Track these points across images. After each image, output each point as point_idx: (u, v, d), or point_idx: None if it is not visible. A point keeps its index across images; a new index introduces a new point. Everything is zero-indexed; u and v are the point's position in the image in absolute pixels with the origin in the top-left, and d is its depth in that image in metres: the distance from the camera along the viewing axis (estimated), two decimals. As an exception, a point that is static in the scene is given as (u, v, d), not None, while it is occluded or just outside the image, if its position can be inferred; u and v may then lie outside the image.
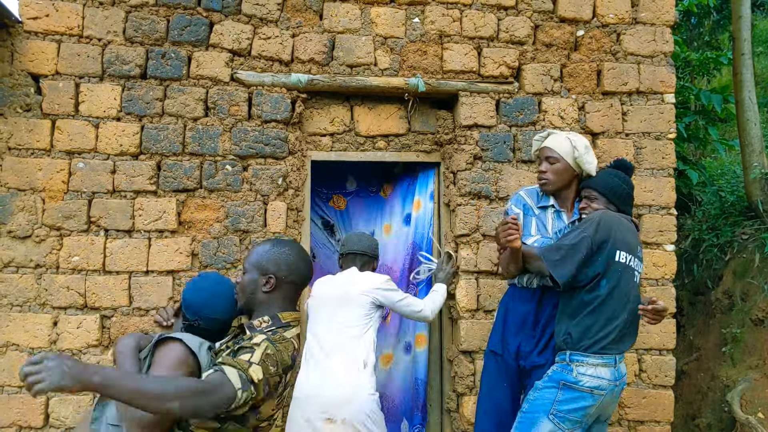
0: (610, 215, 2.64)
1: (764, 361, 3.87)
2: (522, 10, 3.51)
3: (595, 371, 2.49)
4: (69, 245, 3.13)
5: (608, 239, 2.56)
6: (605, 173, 2.81)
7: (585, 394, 2.48)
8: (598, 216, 2.61)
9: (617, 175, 2.77)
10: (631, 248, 2.62)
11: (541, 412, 2.50)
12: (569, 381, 2.49)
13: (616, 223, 2.62)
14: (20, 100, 3.15)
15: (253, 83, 3.28)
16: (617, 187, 2.73)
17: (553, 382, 2.54)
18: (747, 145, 4.69)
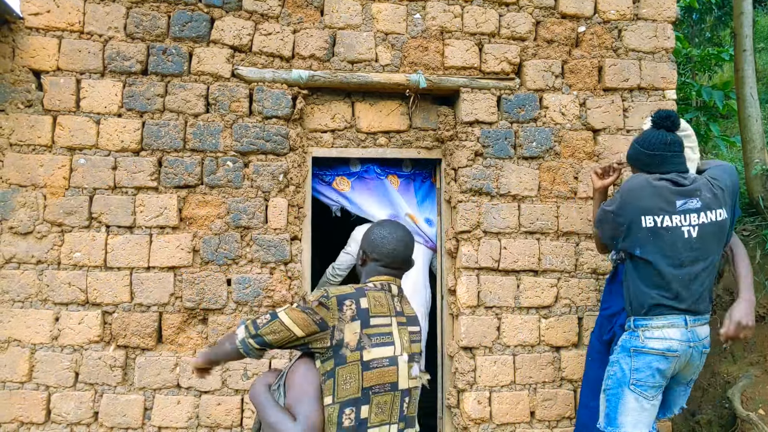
0: (631, 183, 2.62)
1: (765, 358, 3.87)
2: (523, 6, 3.50)
3: (661, 333, 2.53)
4: (70, 241, 3.13)
5: (628, 207, 2.57)
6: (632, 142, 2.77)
7: (658, 357, 2.52)
8: (625, 183, 2.67)
9: (637, 140, 2.72)
10: (659, 209, 2.52)
11: (622, 385, 2.57)
12: (638, 347, 2.55)
13: (637, 190, 2.57)
14: (21, 97, 3.15)
15: (254, 79, 3.28)
16: (632, 152, 2.72)
17: (624, 351, 2.62)
18: (748, 142, 4.68)
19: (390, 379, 2.01)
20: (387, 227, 2.21)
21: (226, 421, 3.13)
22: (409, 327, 2.13)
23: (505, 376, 3.33)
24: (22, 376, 3.08)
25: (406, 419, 2.05)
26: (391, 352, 2.02)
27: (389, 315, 2.07)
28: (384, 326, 2.05)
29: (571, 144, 3.46)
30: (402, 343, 2.06)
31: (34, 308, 3.11)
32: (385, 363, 2.00)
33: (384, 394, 1.99)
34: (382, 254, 2.15)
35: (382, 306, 2.06)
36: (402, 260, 2.18)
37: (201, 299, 3.16)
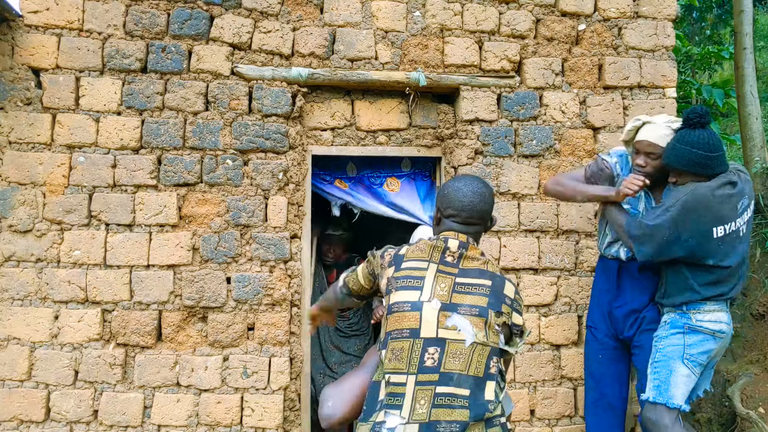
0: (695, 196, 2.53)
1: (765, 356, 3.87)
2: (523, 4, 3.50)
3: (713, 316, 2.61)
4: (70, 239, 3.13)
5: (698, 223, 2.52)
6: (676, 142, 2.61)
7: (709, 337, 2.60)
8: (684, 199, 2.54)
9: (688, 141, 2.57)
10: (728, 217, 2.54)
11: (675, 357, 2.61)
12: (692, 325, 2.60)
13: (703, 202, 2.52)
14: (21, 94, 3.14)
15: (253, 77, 3.28)
16: (692, 155, 2.54)
17: (676, 327, 2.65)
18: (748, 140, 4.68)
19: (408, 325, 1.85)
20: (462, 179, 2.08)
21: (225, 420, 3.12)
22: (461, 278, 1.92)
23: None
24: (21, 374, 3.08)
25: (439, 374, 1.81)
26: (416, 297, 1.87)
27: (426, 260, 1.93)
28: (415, 269, 1.92)
29: (571, 142, 3.46)
30: (435, 289, 1.88)
31: (33, 306, 3.11)
32: (405, 307, 1.87)
33: (401, 339, 1.85)
34: (455, 207, 2.01)
35: (421, 251, 1.95)
36: (478, 214, 2.01)
37: (200, 297, 3.15)
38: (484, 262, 1.98)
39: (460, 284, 1.91)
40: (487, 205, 2.05)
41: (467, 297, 1.88)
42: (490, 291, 1.92)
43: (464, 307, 1.87)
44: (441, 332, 1.84)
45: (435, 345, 1.83)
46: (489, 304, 1.89)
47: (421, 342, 1.83)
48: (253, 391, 3.16)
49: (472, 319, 1.85)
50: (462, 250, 1.97)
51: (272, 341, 3.18)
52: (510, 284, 1.99)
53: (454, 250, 1.96)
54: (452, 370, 1.81)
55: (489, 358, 1.85)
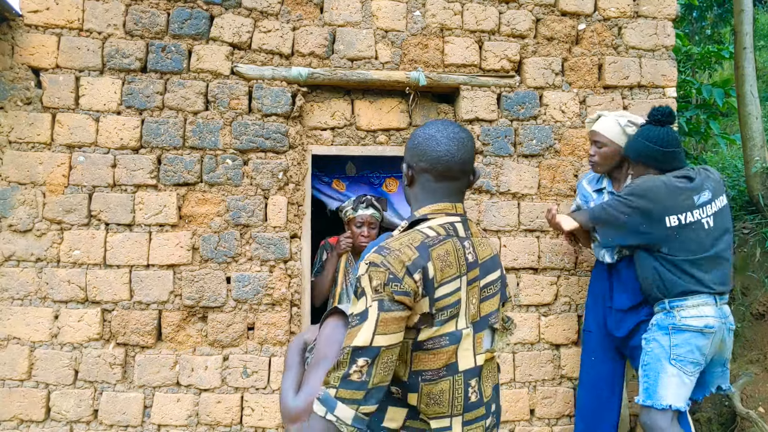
0: (647, 185, 2.66)
1: (765, 356, 3.88)
2: (523, 4, 3.50)
3: (697, 311, 2.64)
4: (70, 239, 3.13)
5: (649, 211, 2.64)
6: (637, 136, 2.82)
7: (696, 334, 2.62)
8: (636, 187, 2.69)
9: (645, 136, 2.76)
10: (681, 207, 2.65)
11: (662, 358, 2.65)
12: (676, 324, 2.64)
13: (655, 192, 2.64)
14: (21, 94, 3.14)
15: (253, 77, 3.28)
16: (647, 150, 2.73)
17: (661, 329, 2.69)
18: (748, 139, 4.68)
19: (445, 362, 1.54)
20: (434, 125, 1.68)
21: (225, 419, 3.13)
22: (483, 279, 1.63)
23: (504, 373, 3.32)
24: (21, 373, 3.08)
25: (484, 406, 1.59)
26: (453, 327, 1.54)
27: (458, 275, 1.55)
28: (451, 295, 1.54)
29: (571, 142, 3.46)
30: (468, 309, 1.57)
31: (33, 306, 3.11)
32: (443, 342, 1.53)
33: (438, 382, 1.53)
34: (433, 159, 1.62)
35: (449, 266, 1.54)
36: (460, 167, 1.63)
37: (200, 297, 3.15)
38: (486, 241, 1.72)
39: (484, 288, 1.64)
40: (469, 153, 1.68)
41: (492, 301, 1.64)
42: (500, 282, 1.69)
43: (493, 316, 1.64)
44: (479, 359, 1.59)
45: (474, 375, 1.58)
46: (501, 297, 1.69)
47: (462, 377, 1.55)
48: (253, 391, 3.16)
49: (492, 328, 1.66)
50: (468, 233, 1.65)
51: (272, 341, 3.18)
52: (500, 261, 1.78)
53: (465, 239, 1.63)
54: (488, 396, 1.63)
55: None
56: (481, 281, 1.62)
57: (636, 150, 2.79)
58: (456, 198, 1.66)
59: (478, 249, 1.65)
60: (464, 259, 1.58)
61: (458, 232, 1.62)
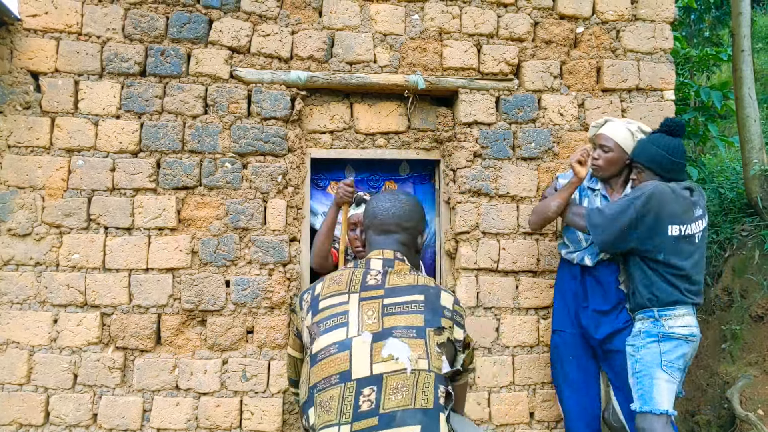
0: (660, 190, 2.67)
1: (764, 358, 3.88)
2: (521, 7, 3.50)
3: (683, 321, 2.71)
4: (69, 243, 3.13)
5: (657, 216, 2.65)
6: (648, 142, 2.82)
7: (682, 342, 2.71)
8: (649, 191, 2.67)
9: (659, 144, 2.76)
10: (683, 218, 2.69)
11: (654, 365, 2.69)
12: (665, 333, 2.69)
13: (665, 198, 2.66)
14: (20, 98, 3.15)
15: (252, 80, 3.28)
16: (659, 157, 2.75)
17: (650, 336, 2.73)
18: (747, 142, 4.69)
19: (337, 369, 1.57)
20: (381, 194, 1.95)
21: (225, 423, 3.12)
22: (389, 299, 1.68)
23: (504, 376, 3.32)
24: (20, 377, 3.08)
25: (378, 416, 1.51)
26: (342, 335, 1.61)
27: (345, 291, 1.69)
28: (335, 305, 1.68)
29: (570, 145, 3.46)
30: (362, 319, 1.62)
31: (32, 310, 3.11)
32: (332, 350, 1.60)
33: (329, 388, 1.56)
34: (373, 218, 1.87)
35: (337, 283, 1.73)
36: (394, 219, 1.83)
37: (200, 301, 3.15)
38: (414, 276, 1.77)
39: (390, 305, 1.66)
40: (406, 212, 1.85)
41: (401, 318, 1.63)
42: (425, 306, 1.67)
43: (399, 330, 1.61)
44: (376, 367, 1.55)
45: (371, 384, 1.53)
46: (426, 321, 1.64)
47: (354, 385, 1.54)
48: (252, 395, 3.16)
49: (410, 342, 1.59)
50: (387, 268, 1.76)
51: (271, 344, 3.18)
52: (447, 294, 1.77)
53: (377, 270, 1.76)
54: (394, 408, 1.51)
55: (436, 386, 1.57)
56: (384, 299, 1.68)
57: (650, 156, 2.78)
58: (391, 246, 1.83)
59: (391, 278, 1.75)
60: (359, 282, 1.73)
61: (371, 266, 1.79)
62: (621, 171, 2.99)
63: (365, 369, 1.55)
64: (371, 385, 1.53)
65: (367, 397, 1.52)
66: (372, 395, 1.52)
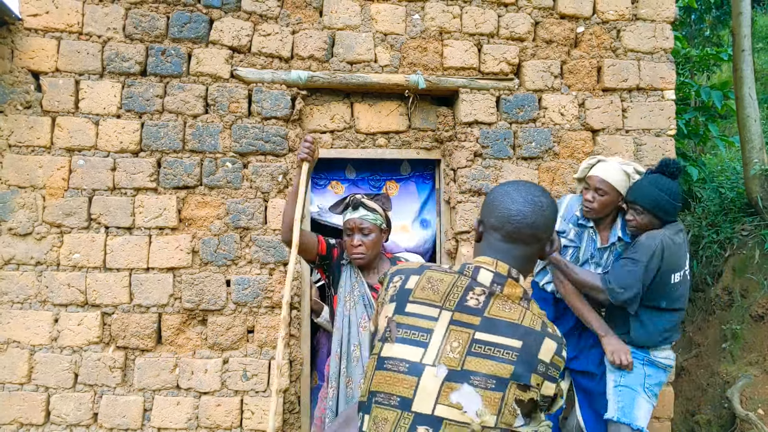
0: (667, 245, 2.65)
1: (764, 358, 3.88)
2: (522, 7, 3.50)
3: (666, 354, 2.80)
4: (69, 242, 3.13)
5: (665, 270, 2.67)
6: (649, 184, 2.73)
7: (662, 371, 2.78)
8: (659, 248, 2.64)
9: (661, 187, 2.70)
10: (682, 264, 2.74)
11: (637, 384, 2.73)
12: (651, 359, 2.76)
13: (671, 251, 2.66)
14: (20, 98, 3.15)
15: (253, 80, 3.28)
16: (662, 201, 2.69)
17: (637, 359, 2.76)
18: (747, 142, 4.69)
19: (400, 391, 1.40)
20: (515, 183, 1.56)
21: (225, 422, 3.13)
22: (482, 333, 1.41)
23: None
24: (21, 377, 3.08)
25: None
26: (417, 356, 1.41)
27: (439, 305, 1.44)
28: (423, 317, 1.45)
29: (570, 144, 3.46)
30: (444, 349, 1.41)
31: (33, 309, 3.11)
32: (401, 367, 1.42)
33: (387, 408, 1.41)
34: (505, 220, 1.50)
35: (434, 291, 1.47)
36: (529, 229, 1.49)
37: (200, 300, 3.15)
38: (522, 310, 1.46)
39: (480, 342, 1.41)
40: (546, 219, 1.52)
41: (486, 363, 1.39)
42: (519, 355, 1.40)
43: (479, 377, 1.37)
44: (439, 409, 1.37)
45: (429, 425, 1.36)
46: (514, 374, 1.38)
47: (411, 417, 1.38)
48: (252, 394, 3.16)
49: (485, 395, 1.37)
50: (496, 287, 1.47)
51: (272, 344, 3.18)
52: (551, 341, 1.44)
53: (484, 287, 1.47)
54: None
55: None
56: (477, 332, 1.42)
57: (653, 201, 2.70)
58: (507, 259, 1.50)
59: (495, 305, 1.45)
60: (458, 297, 1.45)
61: (478, 277, 1.48)
62: (611, 213, 2.89)
63: (428, 406, 1.37)
64: (429, 425, 1.37)
65: None
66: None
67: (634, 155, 3.45)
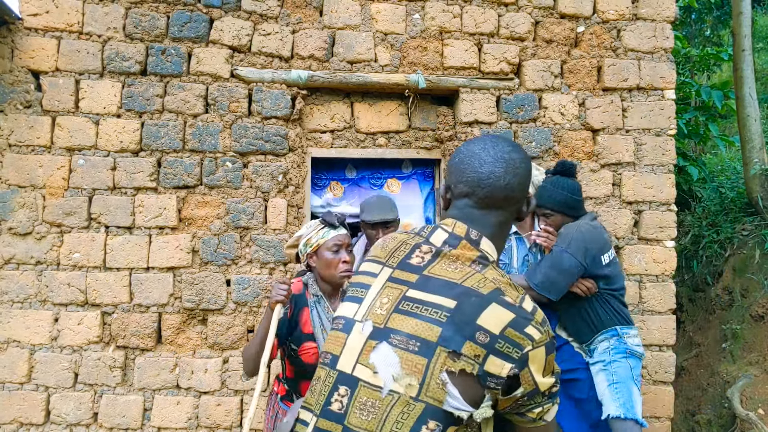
0: (579, 231, 2.77)
1: (764, 357, 3.88)
2: (522, 6, 3.50)
3: (637, 340, 2.84)
4: (69, 242, 3.13)
5: (592, 252, 2.76)
6: (552, 186, 2.88)
7: (639, 360, 2.83)
8: (574, 234, 2.76)
9: (563, 186, 2.87)
10: (608, 246, 2.84)
11: (629, 379, 2.78)
12: (631, 350, 2.80)
13: (588, 233, 2.78)
14: (20, 97, 3.15)
15: (253, 80, 3.28)
16: (566, 199, 2.86)
17: (620, 352, 2.80)
18: (747, 141, 4.69)
19: (333, 349, 1.30)
20: (481, 141, 1.39)
21: (225, 422, 3.13)
22: (415, 290, 1.25)
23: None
24: (21, 376, 3.08)
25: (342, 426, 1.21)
26: (352, 313, 1.31)
27: (383, 262, 1.34)
28: (367, 274, 1.35)
29: (570, 144, 3.46)
30: (374, 305, 1.28)
31: (33, 309, 3.11)
32: (339, 324, 1.33)
33: (322, 366, 1.31)
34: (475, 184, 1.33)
35: (383, 249, 1.37)
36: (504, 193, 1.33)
37: (200, 300, 3.15)
38: (469, 271, 1.26)
39: (410, 300, 1.25)
40: (518, 177, 1.34)
41: (410, 321, 1.21)
42: (449, 316, 1.19)
43: (400, 337, 1.21)
44: (358, 369, 1.23)
45: (348, 385, 1.23)
46: (441, 337, 1.18)
47: (335, 376, 1.26)
48: (252, 393, 3.16)
49: (405, 357, 1.19)
50: (446, 248, 1.30)
51: (272, 343, 3.18)
52: (502, 309, 1.20)
53: (433, 246, 1.32)
54: (357, 429, 1.19)
55: (421, 421, 1.16)
56: (410, 289, 1.26)
57: (559, 201, 2.85)
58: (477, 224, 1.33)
59: (439, 265, 1.28)
60: (403, 255, 1.33)
61: (431, 237, 1.34)
62: None
63: (349, 364, 1.25)
64: (347, 385, 1.24)
65: (340, 396, 1.24)
66: (344, 398, 1.23)
67: (634, 155, 3.45)
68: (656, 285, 3.41)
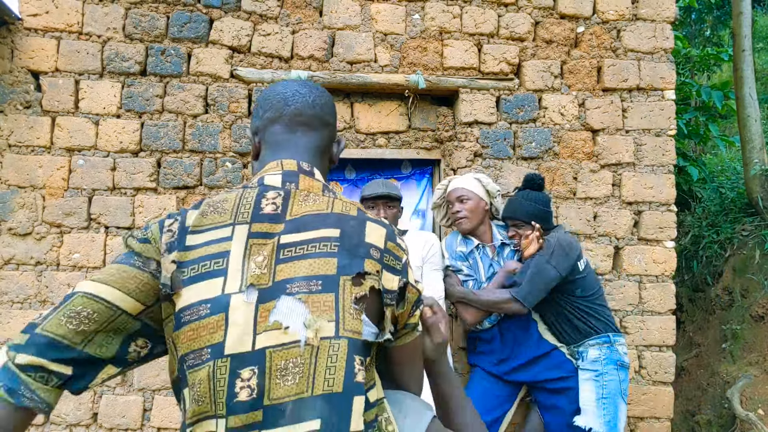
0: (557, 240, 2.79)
1: (764, 358, 3.88)
2: (522, 7, 3.50)
3: (624, 348, 2.83)
4: (69, 242, 3.13)
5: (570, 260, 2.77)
6: (523, 199, 2.90)
7: (626, 371, 2.82)
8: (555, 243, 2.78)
9: (532, 199, 2.89)
10: (581, 254, 2.86)
11: (618, 394, 2.76)
12: (621, 361, 2.79)
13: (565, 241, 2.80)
14: (20, 98, 3.15)
15: (252, 80, 3.28)
16: (537, 211, 2.87)
17: (612, 363, 2.79)
18: (747, 142, 4.69)
19: (209, 340, 1.06)
20: (281, 82, 1.36)
21: (225, 422, 3.12)
22: (288, 235, 1.13)
23: (504, 376, 3.32)
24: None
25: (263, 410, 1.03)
26: (217, 289, 1.09)
27: (230, 222, 1.15)
28: (213, 242, 1.13)
29: (570, 144, 3.46)
30: (249, 267, 1.10)
31: (33, 309, 3.11)
32: (202, 311, 1.07)
33: (200, 368, 1.05)
34: (281, 107, 1.30)
35: (219, 213, 1.17)
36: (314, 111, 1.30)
37: (200, 300, 3.15)
38: (328, 199, 1.21)
39: (289, 246, 1.12)
40: (324, 97, 1.34)
41: (302, 264, 1.10)
42: (340, 244, 1.13)
43: (297, 283, 1.09)
44: (260, 339, 1.06)
45: (251, 364, 1.05)
46: (340, 267, 1.11)
47: (227, 363, 1.05)
48: (252, 394, 3.16)
49: (311, 300, 1.08)
50: (289, 187, 1.22)
51: (272, 344, 3.18)
52: (376, 225, 1.20)
53: (277, 189, 1.21)
54: (283, 399, 1.04)
55: (349, 358, 1.08)
56: (281, 237, 1.13)
57: (530, 213, 2.87)
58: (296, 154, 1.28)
59: (295, 203, 1.19)
60: (252, 208, 1.17)
61: (265, 182, 1.22)
62: (484, 218, 2.98)
63: (244, 342, 1.06)
64: (251, 365, 1.05)
65: (246, 381, 1.05)
66: (252, 380, 1.04)
67: (634, 155, 3.45)
68: (656, 285, 3.41)
